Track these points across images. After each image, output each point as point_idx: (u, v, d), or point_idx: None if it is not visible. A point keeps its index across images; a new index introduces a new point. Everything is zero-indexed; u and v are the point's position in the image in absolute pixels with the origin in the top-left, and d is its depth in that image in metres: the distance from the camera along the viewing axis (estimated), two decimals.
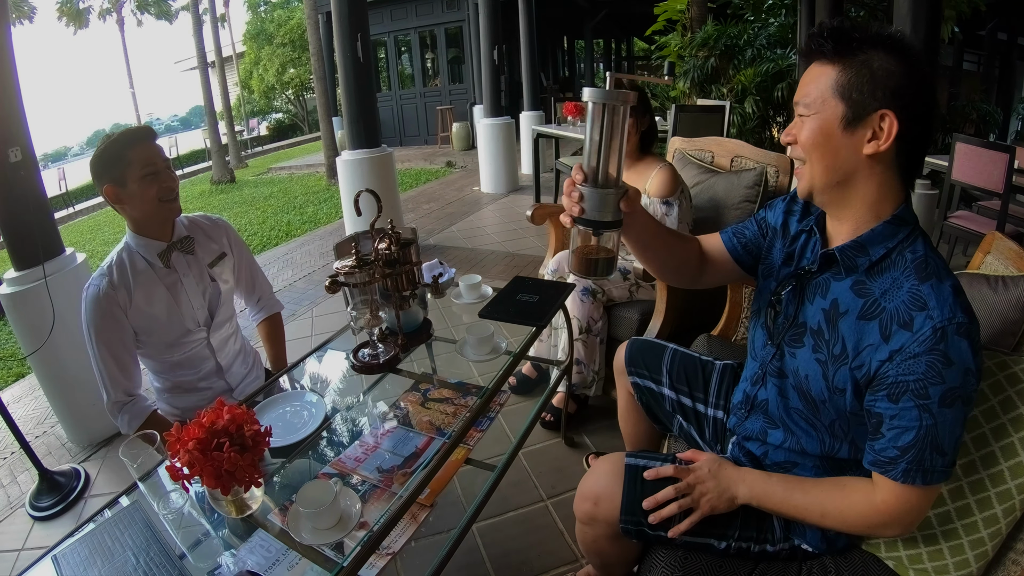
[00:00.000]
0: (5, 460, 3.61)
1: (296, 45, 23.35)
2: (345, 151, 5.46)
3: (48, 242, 3.29)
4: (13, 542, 2.89)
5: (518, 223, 6.34)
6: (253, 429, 1.26)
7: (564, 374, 2.37)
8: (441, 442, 1.72)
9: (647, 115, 2.55)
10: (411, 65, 15.69)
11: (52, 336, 3.13)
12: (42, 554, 1.45)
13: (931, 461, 1.08)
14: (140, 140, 1.82)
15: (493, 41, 8.04)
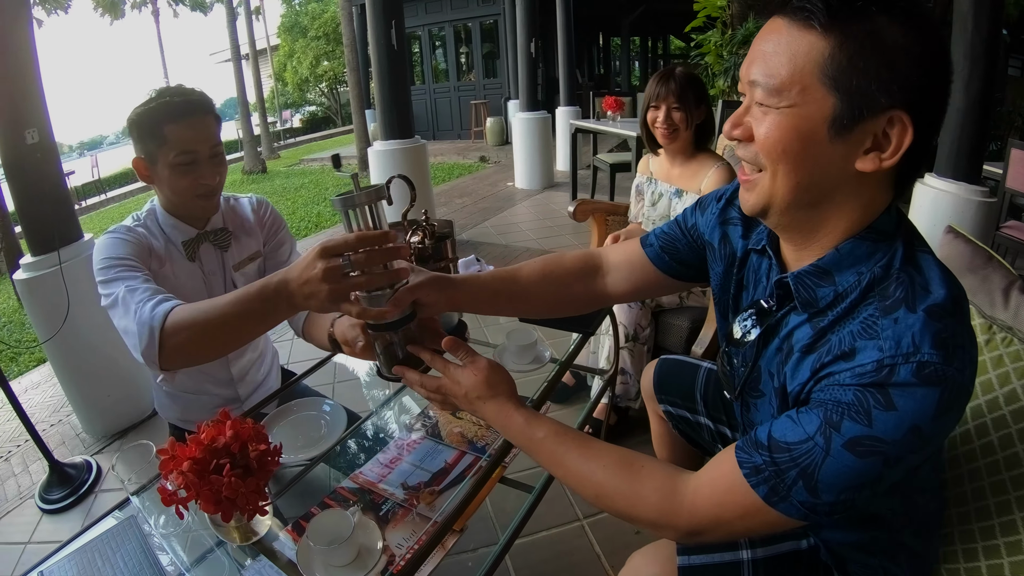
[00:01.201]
0: (18, 448, 3.59)
1: (330, 38, 23.53)
2: (377, 141, 5.34)
3: (65, 227, 3.24)
4: (20, 534, 2.84)
5: (553, 220, 6.19)
6: (259, 449, 1.08)
7: (608, 385, 2.18)
8: (472, 457, 1.56)
9: (702, 106, 2.35)
10: (445, 59, 15.61)
11: (67, 323, 3.08)
12: (29, 569, 1.33)
13: (792, 487, 0.81)
14: (185, 115, 1.48)
15: (530, 34, 7.90)
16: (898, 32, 0.75)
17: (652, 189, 2.58)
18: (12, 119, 3.00)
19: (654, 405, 1.68)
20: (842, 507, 0.81)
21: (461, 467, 1.54)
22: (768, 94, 0.82)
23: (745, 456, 0.85)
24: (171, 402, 1.88)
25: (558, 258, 1.33)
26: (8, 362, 5.43)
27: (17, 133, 2.99)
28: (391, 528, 1.34)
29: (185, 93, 1.51)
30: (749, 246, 1.09)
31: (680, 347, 2.38)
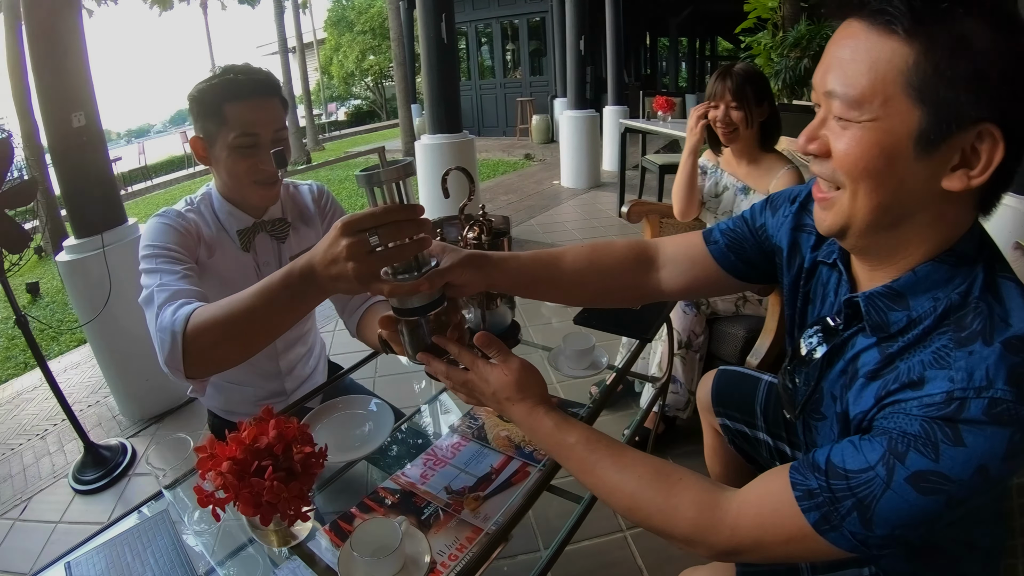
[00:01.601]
0: (55, 427, 3.64)
1: (376, 33, 23.72)
2: (424, 135, 5.33)
3: (109, 211, 3.28)
4: (52, 513, 2.87)
5: (600, 220, 6.11)
6: (304, 451, 1.02)
7: (661, 393, 2.09)
8: (519, 463, 1.49)
9: (764, 103, 2.25)
10: (491, 56, 15.58)
11: (108, 307, 3.10)
12: (55, 558, 1.29)
13: (846, 516, 0.73)
14: (249, 95, 1.39)
15: (579, 31, 7.82)
16: (987, 36, 0.68)
17: (716, 178, 2.49)
18: (59, 102, 3.03)
19: (710, 418, 1.60)
20: (894, 543, 0.75)
21: (507, 473, 1.47)
22: (847, 106, 0.75)
23: (800, 478, 0.79)
24: (214, 391, 1.81)
25: (607, 245, 1.24)
26: (49, 341, 5.54)
27: (64, 116, 3.01)
28: (432, 533, 1.28)
29: (250, 72, 1.43)
30: (819, 258, 1.01)
31: (735, 357, 2.29)
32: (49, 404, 3.96)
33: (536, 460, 1.49)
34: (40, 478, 3.18)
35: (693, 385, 2.35)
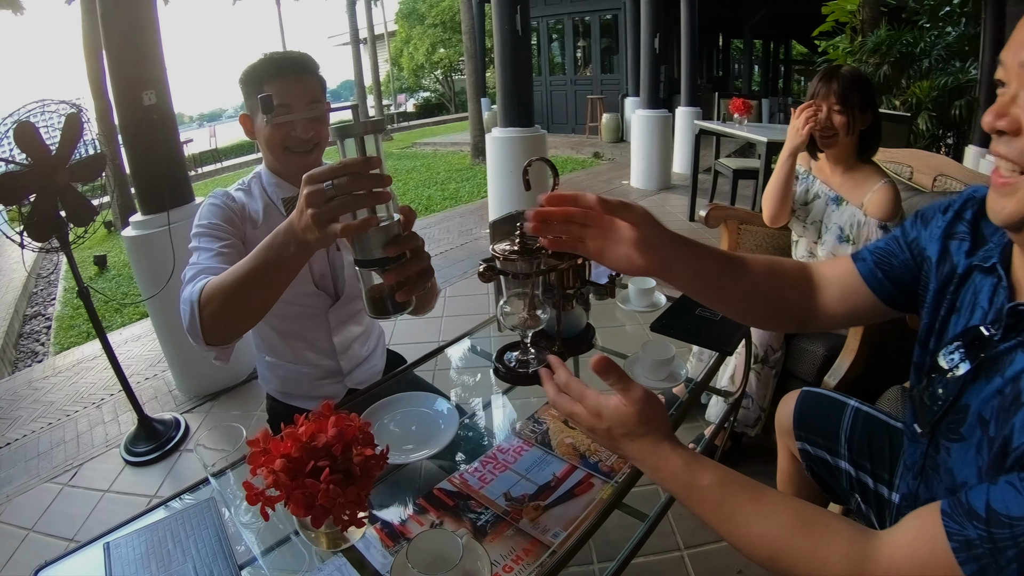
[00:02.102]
0: (111, 397, 3.71)
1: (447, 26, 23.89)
2: (496, 128, 5.27)
3: (177, 189, 3.32)
4: (101, 481, 2.91)
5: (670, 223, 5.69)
6: (364, 454, 0.95)
7: (733, 409, 1.98)
8: (583, 473, 1.41)
9: (868, 111, 2.10)
10: (562, 52, 15.48)
11: (170, 283, 3.13)
12: (95, 537, 1.27)
13: (1006, 568, 0.63)
14: (285, 73, 1.50)
15: (654, 29, 7.67)
16: None
17: (807, 185, 2.36)
18: (131, 80, 3.07)
19: (788, 441, 1.50)
20: None
21: (570, 483, 1.39)
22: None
23: (956, 527, 0.69)
24: (271, 373, 1.84)
25: (779, 261, 1.14)
26: (113, 313, 5.68)
27: (135, 94, 3.05)
28: (488, 541, 1.22)
29: (287, 53, 1.55)
30: (974, 262, 0.91)
31: (812, 376, 2.17)
32: (107, 374, 4.03)
33: (602, 472, 1.41)
34: (92, 446, 3.23)
35: (765, 402, 2.25)
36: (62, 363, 4.57)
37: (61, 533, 2.60)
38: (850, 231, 2.17)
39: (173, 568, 1.17)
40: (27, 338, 6.03)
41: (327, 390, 1.81)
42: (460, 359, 1.90)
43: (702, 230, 5.47)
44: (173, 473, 2.90)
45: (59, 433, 3.42)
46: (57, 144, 2.61)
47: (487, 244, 5.82)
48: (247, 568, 1.20)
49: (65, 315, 6.23)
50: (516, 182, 5.08)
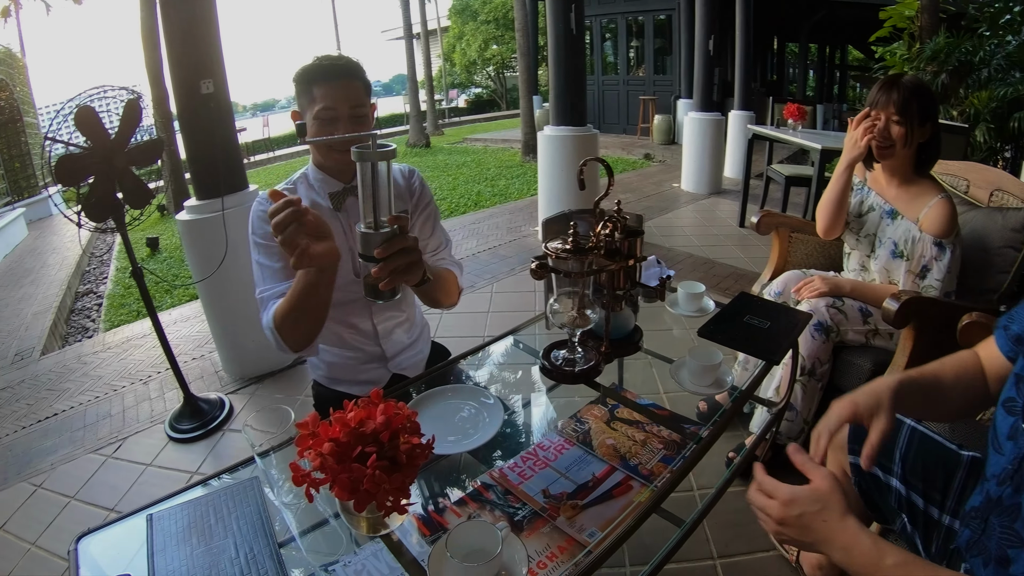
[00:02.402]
0: (158, 375, 3.79)
1: (499, 23, 23.88)
2: (548, 126, 5.25)
3: (232, 176, 3.38)
4: (144, 455, 2.98)
5: (719, 228, 5.89)
6: (411, 442, 0.96)
7: (776, 420, 1.95)
8: (622, 475, 1.41)
9: (927, 123, 2.04)
10: (615, 52, 15.36)
11: (222, 267, 3.19)
12: (138, 508, 1.31)
13: None
14: (331, 78, 1.59)
15: (709, 31, 7.54)
16: None
17: (861, 197, 2.31)
18: (189, 69, 3.13)
19: (840, 456, 1.47)
20: None
21: (609, 484, 1.39)
22: None
23: None
24: (318, 359, 1.90)
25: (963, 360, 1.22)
26: (163, 294, 5.80)
27: (193, 82, 3.11)
28: (524, 536, 1.22)
29: (336, 59, 1.64)
30: None
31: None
32: (155, 353, 4.14)
33: (641, 475, 1.41)
34: (138, 421, 3.31)
35: (809, 415, 2.20)
36: (112, 340, 4.69)
37: (102, 503, 2.66)
38: (904, 247, 2.12)
39: (214, 543, 1.19)
40: (78, 314, 6.17)
41: (372, 375, 1.86)
42: (505, 355, 1.91)
43: (752, 236, 5.41)
44: (215, 452, 2.96)
45: (106, 407, 3.51)
46: (116, 128, 2.68)
47: (536, 241, 5.79)
48: (286, 547, 1.22)
49: (116, 294, 6.37)
50: (567, 181, 5.06)
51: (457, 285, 1.83)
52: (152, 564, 1.15)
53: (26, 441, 3.26)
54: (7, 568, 2.36)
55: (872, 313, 2.16)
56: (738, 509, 2.15)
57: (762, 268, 2.88)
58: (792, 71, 19.82)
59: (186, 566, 1.14)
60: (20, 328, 5.32)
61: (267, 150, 17.74)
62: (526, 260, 5.22)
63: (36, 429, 3.38)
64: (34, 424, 3.44)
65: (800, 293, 2.25)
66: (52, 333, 5.21)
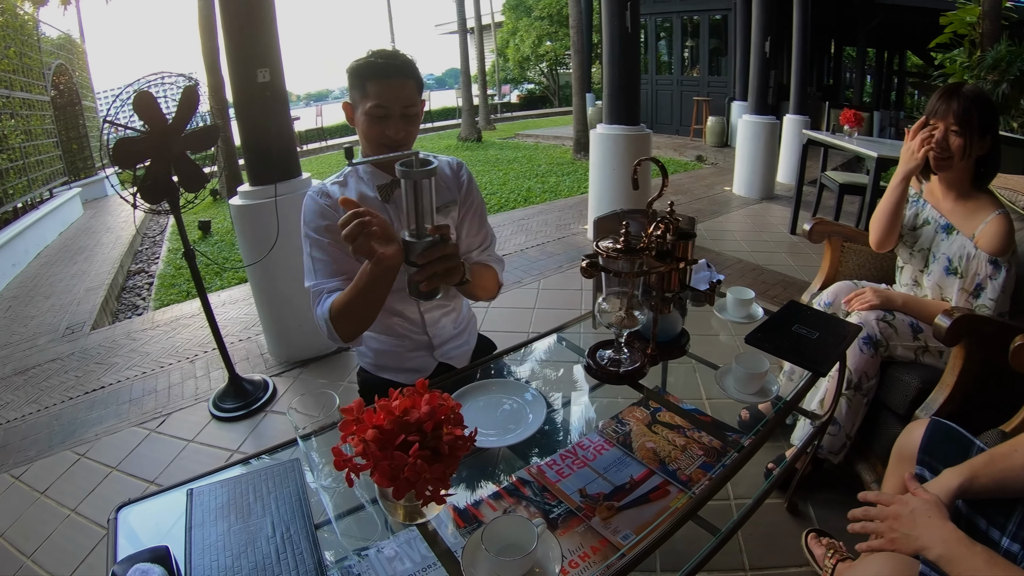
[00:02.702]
0: (205, 354, 3.86)
1: (553, 20, 23.80)
2: (601, 124, 5.21)
3: (286, 163, 3.41)
4: (186, 431, 3.04)
5: (770, 234, 5.78)
6: (454, 433, 0.96)
7: (820, 433, 1.91)
8: (660, 479, 1.40)
9: (988, 136, 1.97)
10: (669, 52, 15.18)
11: (272, 253, 3.23)
12: (180, 482, 1.35)
13: None
14: (386, 76, 1.60)
15: (765, 32, 7.40)
16: None
17: (916, 209, 2.24)
18: (246, 58, 3.17)
19: (903, 469, 1.43)
20: None
21: (646, 487, 1.39)
22: None
23: None
24: (366, 346, 1.93)
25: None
26: (213, 276, 5.91)
27: (250, 71, 3.15)
28: (558, 534, 1.23)
29: (391, 56, 1.64)
30: None
31: (903, 408, 2.06)
32: (203, 332, 4.22)
33: (680, 480, 1.40)
34: (182, 397, 3.38)
35: (853, 430, 2.14)
36: (161, 318, 4.79)
37: (143, 475, 2.73)
38: (958, 263, 2.05)
39: (252, 521, 1.21)
40: (129, 292, 6.30)
41: (417, 362, 1.87)
42: (550, 351, 1.90)
43: (803, 244, 5.31)
44: (256, 432, 3.00)
45: (152, 382, 3.60)
46: (173, 114, 2.73)
47: (584, 240, 5.76)
48: (321, 529, 1.24)
49: (167, 274, 6.50)
50: (619, 179, 5.02)
51: (496, 281, 1.85)
52: (189, 538, 1.18)
53: (72, 411, 3.36)
54: (46, 532, 2.43)
55: (923, 329, 2.09)
56: (773, 521, 2.13)
57: (812, 277, 2.82)
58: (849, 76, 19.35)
59: (223, 541, 1.16)
60: (72, 303, 5.45)
61: (320, 139, 17.94)
62: (574, 258, 5.21)
63: (83, 400, 3.47)
64: (81, 396, 3.53)
65: (851, 304, 2.19)
66: (103, 309, 5.33)
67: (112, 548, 1.20)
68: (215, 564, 1.11)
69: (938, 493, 1.20)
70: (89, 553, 2.28)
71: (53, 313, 5.24)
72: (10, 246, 6.79)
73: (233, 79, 3.24)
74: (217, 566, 1.11)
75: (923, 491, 1.19)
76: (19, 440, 3.13)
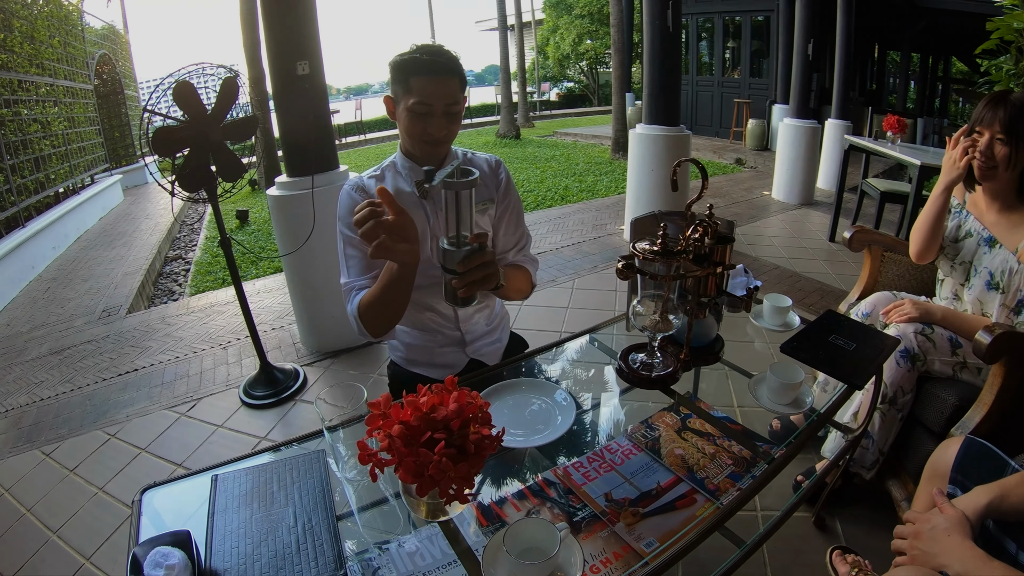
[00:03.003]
0: (238, 341, 3.91)
1: (594, 18, 23.69)
2: (640, 124, 5.18)
3: (323, 155, 3.44)
4: (216, 416, 3.09)
5: (808, 241, 5.69)
6: (481, 433, 0.95)
7: (852, 447, 1.86)
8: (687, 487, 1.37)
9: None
10: (710, 52, 15.01)
11: (308, 243, 3.26)
12: (205, 468, 1.36)
13: None
14: (429, 73, 1.59)
15: (808, 34, 7.26)
16: None
17: (960, 221, 2.17)
18: (286, 50, 3.20)
19: (934, 485, 1.40)
20: None
21: (673, 495, 1.35)
22: None
23: None
24: (398, 340, 1.94)
25: None
26: (249, 265, 5.98)
27: (289, 63, 3.18)
28: (581, 538, 1.20)
29: (436, 53, 1.62)
30: None
31: (939, 425, 2.00)
32: (236, 320, 4.27)
33: (707, 489, 1.37)
34: (214, 383, 3.43)
35: (886, 446, 2.09)
36: (196, 304, 4.86)
37: (171, 457, 2.78)
38: (1000, 278, 1.99)
39: (274, 510, 1.21)
40: (166, 278, 6.41)
41: (449, 358, 1.87)
42: (581, 352, 1.89)
43: (842, 252, 5.21)
44: (285, 420, 3.03)
45: (184, 367, 3.65)
46: (213, 104, 2.77)
47: (621, 240, 5.72)
48: (343, 520, 1.24)
49: (204, 261, 6.59)
50: (657, 180, 4.98)
51: (530, 282, 1.85)
52: (212, 523, 1.18)
53: (105, 392, 3.42)
54: (73, 509, 2.49)
55: (962, 344, 2.03)
56: (799, 535, 2.09)
57: (850, 286, 2.77)
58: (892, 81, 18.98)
59: (244, 529, 1.16)
60: (109, 286, 5.56)
61: (358, 133, 18.13)
62: (609, 258, 5.19)
63: (116, 382, 3.54)
64: (114, 377, 3.60)
65: (889, 316, 2.13)
66: (140, 293, 5.42)
67: (135, 529, 1.21)
68: (235, 551, 1.12)
69: (965, 509, 1.19)
70: (114, 532, 2.33)
71: (90, 296, 5.35)
72: (51, 229, 6.94)
73: (272, 71, 3.27)
74: (237, 553, 1.11)
75: (949, 507, 1.21)
76: (52, 418, 3.20)
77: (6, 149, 6.41)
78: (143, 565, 0.99)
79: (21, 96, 7.13)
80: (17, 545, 2.34)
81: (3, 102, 6.58)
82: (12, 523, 2.46)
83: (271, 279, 5.36)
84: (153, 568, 0.98)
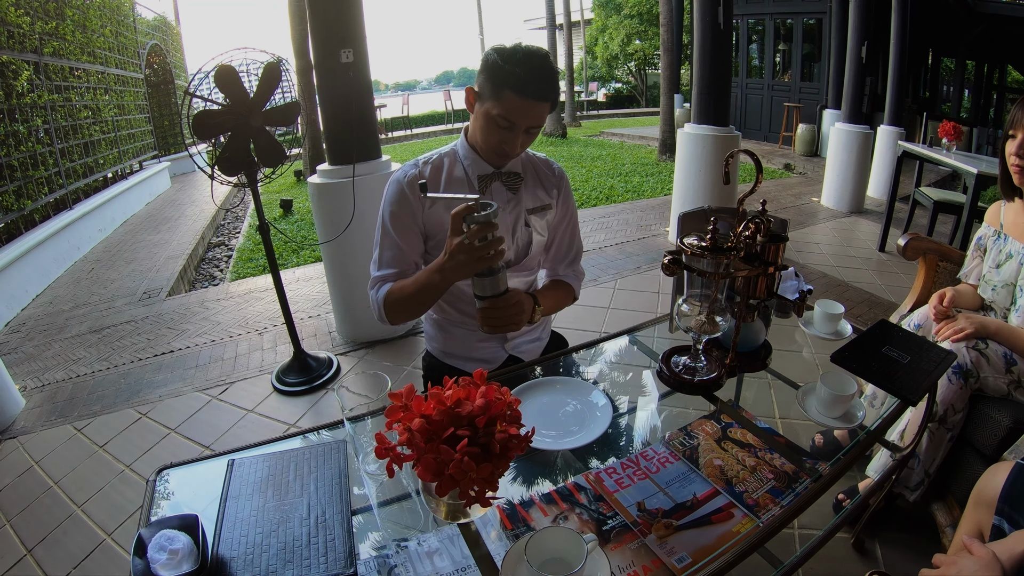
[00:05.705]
0: (274, 327, 3.94)
1: (643, 18, 23.55)
2: (689, 123, 5.10)
3: (365, 144, 3.42)
4: (247, 401, 3.11)
5: (857, 249, 5.53)
6: (508, 432, 0.89)
7: (900, 467, 1.76)
8: (725, 500, 1.29)
9: None
10: (760, 55, 14.76)
11: (347, 232, 3.26)
12: (223, 451, 1.36)
13: None
14: (525, 96, 1.52)
15: (862, 37, 7.06)
16: None
17: (1000, 247, 2.06)
18: (330, 37, 3.18)
19: (983, 514, 1.31)
20: None
21: (709, 508, 1.28)
22: None
23: None
24: (436, 331, 1.92)
25: None
26: (290, 253, 6.03)
27: (334, 50, 3.17)
28: (609, 548, 1.14)
29: (538, 72, 1.53)
30: None
31: (991, 448, 1.89)
32: (273, 307, 4.29)
33: (746, 504, 1.29)
34: (247, 368, 3.44)
35: (933, 467, 1.99)
36: (235, 290, 4.91)
37: (199, 439, 2.80)
38: None
39: (288, 499, 1.18)
40: (208, 263, 6.53)
41: (488, 353, 1.84)
42: (620, 353, 1.83)
43: (893, 262, 5.05)
44: (316, 408, 3.02)
45: (219, 351, 3.68)
46: (255, 89, 2.76)
47: (665, 242, 5.66)
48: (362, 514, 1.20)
49: (246, 248, 6.68)
50: (704, 181, 4.89)
51: (571, 298, 1.86)
52: (223, 509, 1.16)
53: (139, 372, 3.47)
54: (99, 485, 2.52)
55: (1016, 362, 1.91)
56: (837, 557, 2.00)
57: (900, 298, 2.66)
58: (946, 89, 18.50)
59: (255, 517, 1.14)
60: (152, 269, 5.65)
61: (405, 128, 18.35)
62: (652, 259, 5.14)
63: (151, 363, 3.58)
64: (150, 358, 3.65)
65: (941, 333, 2.01)
66: (181, 277, 5.50)
67: (146, 509, 1.20)
68: (244, 539, 1.09)
69: (1000, 554, 1.12)
70: (137, 510, 2.33)
71: (132, 278, 5.44)
72: (98, 212, 7.09)
73: (316, 58, 3.26)
74: (246, 542, 1.08)
75: (980, 548, 1.14)
76: (86, 395, 3.25)
77: (56, 133, 6.54)
78: (147, 547, 0.97)
79: (72, 83, 7.29)
80: (42, 516, 2.38)
81: (54, 88, 6.71)
82: (39, 495, 2.50)
83: (311, 268, 5.41)
84: (157, 551, 0.96)
